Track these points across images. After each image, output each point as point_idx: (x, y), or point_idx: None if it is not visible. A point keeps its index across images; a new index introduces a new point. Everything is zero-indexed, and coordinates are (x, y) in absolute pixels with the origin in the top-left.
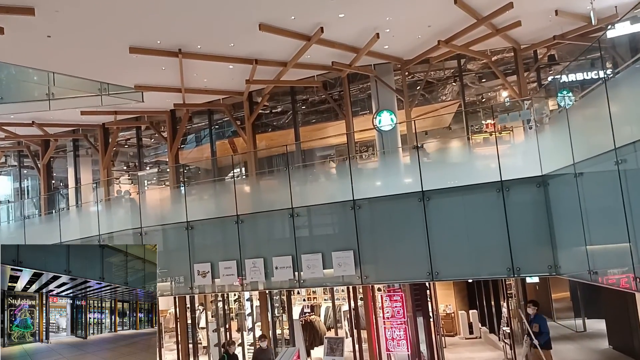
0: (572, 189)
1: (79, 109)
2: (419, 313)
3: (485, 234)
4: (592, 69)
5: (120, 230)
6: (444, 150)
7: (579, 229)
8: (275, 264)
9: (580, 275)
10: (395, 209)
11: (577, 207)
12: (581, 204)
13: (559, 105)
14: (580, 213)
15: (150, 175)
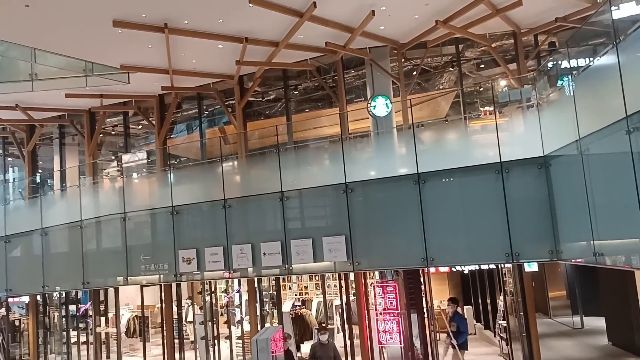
0: (577, 167)
1: (63, 91)
2: (412, 309)
3: (483, 218)
4: (594, 55)
5: (102, 216)
6: (441, 131)
7: (584, 209)
8: (263, 250)
9: (585, 258)
10: (390, 193)
11: (582, 186)
12: (587, 181)
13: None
14: (586, 191)
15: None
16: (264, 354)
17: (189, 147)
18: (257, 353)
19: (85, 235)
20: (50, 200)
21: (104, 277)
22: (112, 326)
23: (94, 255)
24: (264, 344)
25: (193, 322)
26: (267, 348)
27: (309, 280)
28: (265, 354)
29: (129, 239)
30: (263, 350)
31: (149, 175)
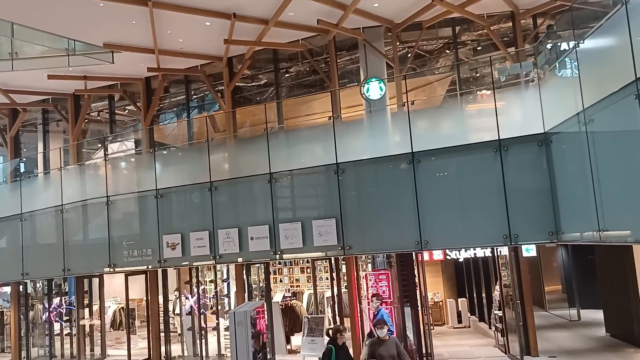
0: (580, 141)
1: (45, 71)
2: (406, 301)
3: (480, 199)
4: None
5: (84, 200)
6: (437, 109)
7: (588, 185)
8: (250, 235)
9: (588, 237)
10: (382, 173)
11: (585, 160)
12: (591, 154)
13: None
14: (590, 165)
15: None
16: (242, 327)
17: (177, 136)
18: (234, 327)
19: (67, 220)
20: (31, 186)
21: (85, 264)
22: (97, 318)
23: (75, 241)
24: (242, 317)
25: (180, 314)
26: (245, 322)
27: (300, 273)
28: (244, 328)
29: (112, 224)
30: (241, 324)
31: (133, 158)
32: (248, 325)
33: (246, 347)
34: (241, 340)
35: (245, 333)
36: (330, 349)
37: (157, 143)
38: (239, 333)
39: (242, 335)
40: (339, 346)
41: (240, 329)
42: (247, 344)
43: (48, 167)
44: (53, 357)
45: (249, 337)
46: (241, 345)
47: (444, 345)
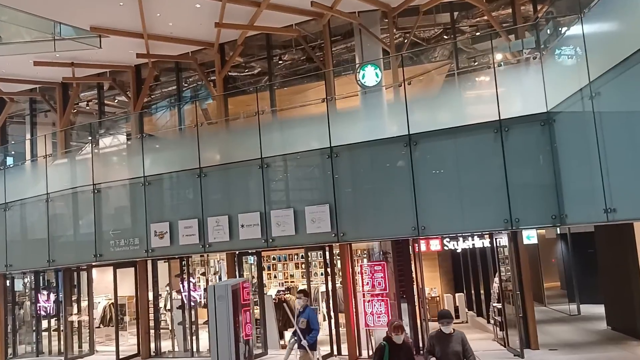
0: (585, 118)
1: (31, 57)
2: (402, 297)
3: (479, 182)
4: None
5: (69, 189)
6: (434, 87)
7: (593, 163)
8: (241, 222)
9: (594, 217)
10: (378, 157)
11: (591, 137)
12: (597, 130)
13: None
14: (597, 141)
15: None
16: (222, 302)
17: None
18: (214, 301)
19: (52, 210)
20: (16, 175)
21: (71, 254)
22: (86, 314)
23: (60, 231)
24: (223, 291)
25: (171, 309)
26: (226, 296)
27: (294, 269)
28: (224, 303)
29: (99, 213)
30: (222, 298)
31: (120, 145)
32: (229, 300)
33: (227, 324)
34: (222, 316)
35: (226, 308)
36: (382, 346)
37: (149, 135)
38: (219, 308)
39: (222, 310)
40: (395, 345)
41: (221, 304)
42: (228, 319)
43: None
44: (40, 353)
45: (229, 312)
46: (222, 321)
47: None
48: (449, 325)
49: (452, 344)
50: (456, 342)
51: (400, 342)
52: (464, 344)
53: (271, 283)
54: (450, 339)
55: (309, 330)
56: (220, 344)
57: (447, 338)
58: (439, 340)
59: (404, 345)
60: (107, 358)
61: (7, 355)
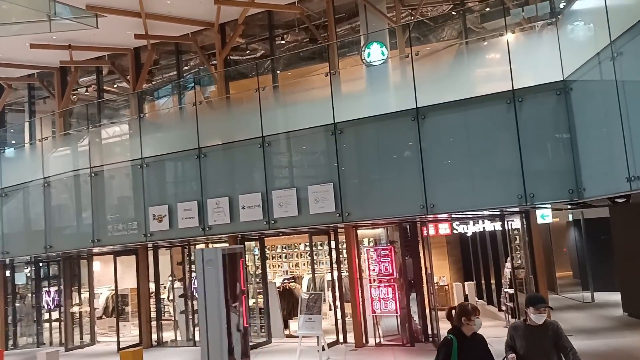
0: (605, 83)
1: (27, 40)
2: (411, 280)
3: (492, 156)
4: None
5: (66, 172)
6: (442, 58)
7: (615, 130)
8: (242, 204)
9: (615, 187)
10: (384, 132)
11: (611, 103)
12: (619, 94)
13: None
14: (618, 106)
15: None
16: (212, 268)
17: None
18: (202, 265)
19: (49, 194)
20: (14, 160)
21: (69, 240)
22: (88, 305)
23: (58, 216)
24: (212, 255)
25: (173, 299)
26: (216, 262)
27: (300, 258)
28: (215, 268)
29: (96, 197)
30: (211, 263)
31: (118, 126)
32: (219, 266)
33: (217, 292)
34: (211, 283)
35: (216, 275)
36: (449, 341)
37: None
38: (208, 274)
39: (212, 277)
40: (465, 337)
41: (210, 270)
42: (219, 287)
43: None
44: (41, 344)
45: (220, 279)
46: (211, 288)
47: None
48: (543, 314)
49: (543, 338)
50: (549, 336)
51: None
52: (559, 337)
53: (276, 273)
54: (541, 332)
55: None
56: (210, 319)
57: (537, 331)
58: (525, 334)
59: (476, 339)
60: (108, 348)
61: (8, 347)
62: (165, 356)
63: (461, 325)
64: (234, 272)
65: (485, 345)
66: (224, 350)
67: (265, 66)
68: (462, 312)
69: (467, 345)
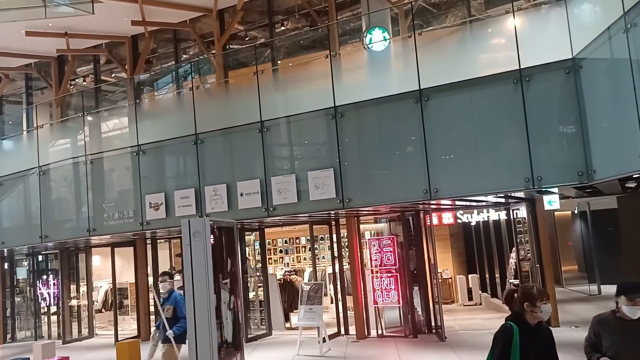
0: (618, 58)
1: (22, 27)
2: (413, 270)
3: (497, 138)
4: None
5: (62, 160)
6: (446, 38)
7: (627, 107)
8: (240, 191)
9: (627, 167)
10: (386, 115)
11: (624, 79)
12: (633, 68)
13: None
14: (633, 81)
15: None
16: (199, 240)
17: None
18: (189, 237)
19: (44, 183)
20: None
21: (64, 229)
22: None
23: (53, 205)
24: (200, 226)
25: None
26: (205, 233)
27: (301, 252)
28: (201, 240)
29: (92, 186)
30: (198, 235)
31: (113, 112)
32: (208, 238)
33: (205, 266)
34: (198, 257)
35: (204, 247)
36: (507, 329)
37: (143, 102)
38: (195, 247)
39: (199, 250)
40: (528, 327)
41: (197, 242)
42: (207, 261)
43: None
44: (40, 338)
45: (208, 252)
46: (198, 262)
47: (454, 320)
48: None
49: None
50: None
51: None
52: None
53: (277, 267)
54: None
55: (175, 320)
56: (197, 295)
57: (632, 326)
58: (615, 329)
59: (541, 330)
60: (106, 341)
61: (6, 340)
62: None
63: (524, 312)
64: (227, 248)
65: (552, 340)
66: (213, 328)
67: (266, 55)
68: (526, 296)
69: (531, 337)
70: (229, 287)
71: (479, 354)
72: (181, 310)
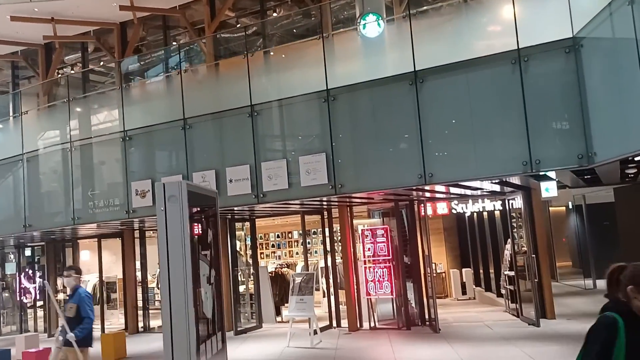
0: (620, 34)
1: (7, 10)
2: (407, 262)
3: (495, 121)
4: None
5: (47, 147)
6: (441, 17)
7: (632, 85)
8: (229, 177)
9: (628, 148)
10: (380, 98)
11: (628, 55)
12: (638, 42)
13: None
14: (637, 56)
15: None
16: (174, 204)
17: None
18: (164, 202)
19: (28, 171)
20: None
21: (48, 218)
22: None
23: (37, 194)
24: (176, 190)
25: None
26: (181, 198)
27: (293, 247)
28: (177, 205)
29: (76, 173)
30: (174, 200)
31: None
32: (184, 204)
33: (181, 233)
34: (174, 224)
35: (180, 213)
36: (611, 322)
37: (129, 86)
38: (170, 213)
39: (175, 216)
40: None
41: (173, 207)
42: (183, 229)
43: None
44: (25, 332)
45: (185, 219)
46: (174, 230)
47: (448, 313)
48: None
49: None
50: None
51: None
52: None
53: (270, 261)
54: None
55: (79, 320)
56: (172, 267)
57: None
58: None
59: None
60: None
61: None
62: (150, 341)
63: (630, 299)
64: (207, 218)
65: None
66: (189, 303)
67: (258, 44)
68: (635, 277)
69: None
70: (209, 259)
71: (474, 346)
72: (85, 309)
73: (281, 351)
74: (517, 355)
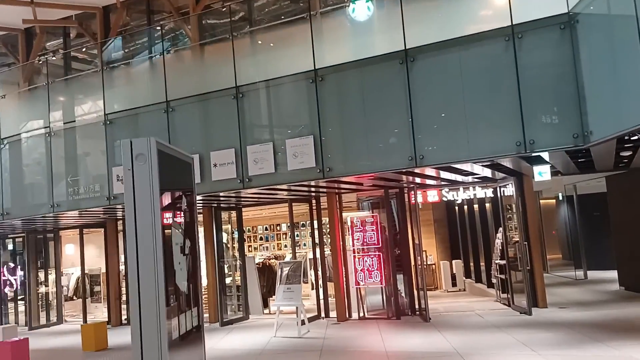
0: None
1: None
2: (397, 251)
3: (487, 100)
4: None
5: (24, 132)
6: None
7: (630, 59)
8: (213, 161)
9: (626, 124)
10: (370, 78)
11: (626, 30)
12: (638, 15)
13: None
14: (638, 30)
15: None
16: (142, 163)
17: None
18: (131, 161)
19: (5, 157)
20: None
21: (26, 205)
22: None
23: (15, 180)
24: (145, 149)
25: None
26: (148, 156)
27: (283, 239)
28: (145, 164)
29: (55, 159)
30: (142, 158)
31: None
32: (154, 163)
33: (150, 196)
34: (142, 186)
35: (149, 174)
36: None
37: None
38: (138, 172)
39: (143, 177)
40: None
41: (141, 166)
42: (152, 191)
43: None
44: (6, 324)
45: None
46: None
47: (438, 303)
48: None
49: None
50: None
51: None
52: None
53: (257, 254)
54: None
55: None
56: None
57: None
58: None
59: None
60: (74, 327)
61: None
62: None
63: None
64: (181, 183)
65: None
66: (159, 274)
67: (245, 31)
68: None
69: None
70: (184, 227)
71: (465, 333)
72: None
73: (267, 341)
74: (509, 342)
